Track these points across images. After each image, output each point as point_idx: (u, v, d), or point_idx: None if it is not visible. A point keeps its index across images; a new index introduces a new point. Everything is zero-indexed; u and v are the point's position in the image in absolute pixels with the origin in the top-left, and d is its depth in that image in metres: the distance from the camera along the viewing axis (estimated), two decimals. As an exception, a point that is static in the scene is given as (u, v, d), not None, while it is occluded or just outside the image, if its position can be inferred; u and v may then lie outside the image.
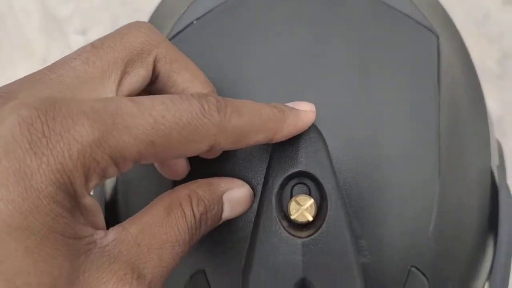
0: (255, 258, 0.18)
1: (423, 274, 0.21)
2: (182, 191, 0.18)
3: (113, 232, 0.16)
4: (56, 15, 0.91)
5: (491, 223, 0.25)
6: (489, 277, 0.25)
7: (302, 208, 0.19)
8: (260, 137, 0.18)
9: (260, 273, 0.18)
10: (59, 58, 0.19)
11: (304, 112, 0.19)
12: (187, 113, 0.16)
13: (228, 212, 0.19)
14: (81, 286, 0.15)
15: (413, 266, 0.20)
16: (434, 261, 0.21)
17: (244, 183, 0.19)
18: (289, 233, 0.18)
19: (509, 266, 0.25)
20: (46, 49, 0.89)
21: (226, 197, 0.19)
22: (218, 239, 0.21)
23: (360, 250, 0.20)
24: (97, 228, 0.16)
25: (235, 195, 0.19)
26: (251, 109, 0.17)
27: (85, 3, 0.91)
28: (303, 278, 0.18)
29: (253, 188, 0.20)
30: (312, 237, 0.18)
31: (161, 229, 0.16)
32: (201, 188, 0.18)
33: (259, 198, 0.19)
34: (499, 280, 0.24)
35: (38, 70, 0.19)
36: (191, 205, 0.17)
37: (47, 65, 0.18)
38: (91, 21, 0.90)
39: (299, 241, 0.18)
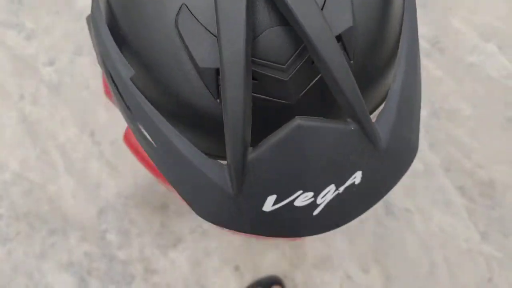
0: None
1: None
2: None
3: None
4: (23, 55, 0.88)
5: None
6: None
7: None
8: None
9: None
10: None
11: None
12: None
13: None
14: None
15: None
16: None
17: None
18: None
19: (416, 25, 0.26)
20: (20, 86, 0.86)
21: None
22: None
23: None
24: None
25: None
26: None
27: (47, 39, 0.88)
28: None
29: None
30: None
31: None
32: None
33: None
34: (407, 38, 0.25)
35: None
36: None
37: (25, 101, 0.16)
38: (56, 52, 0.87)
39: None
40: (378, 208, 0.79)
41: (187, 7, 0.22)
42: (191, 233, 0.79)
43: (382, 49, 0.25)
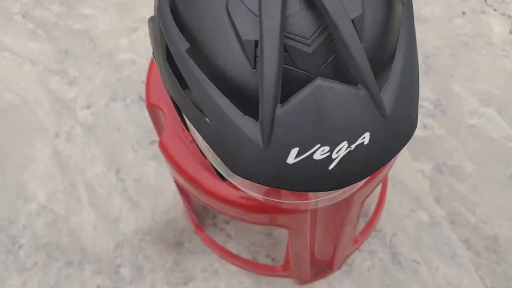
0: None
1: None
2: None
3: None
4: (64, 98, 0.96)
5: None
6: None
7: None
8: None
9: None
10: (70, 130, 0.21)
11: None
12: None
13: None
14: None
15: None
16: None
17: None
18: None
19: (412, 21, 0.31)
20: (58, 125, 0.93)
21: None
22: None
23: None
24: None
25: None
26: None
27: (87, 85, 0.97)
28: None
29: None
30: None
31: None
32: None
33: None
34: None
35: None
36: None
37: (60, 138, 0.21)
38: (94, 97, 0.96)
39: None
40: (385, 258, 0.80)
41: None
42: (202, 271, 0.81)
43: (386, 38, 0.31)
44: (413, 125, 0.31)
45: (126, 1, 1.07)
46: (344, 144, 0.28)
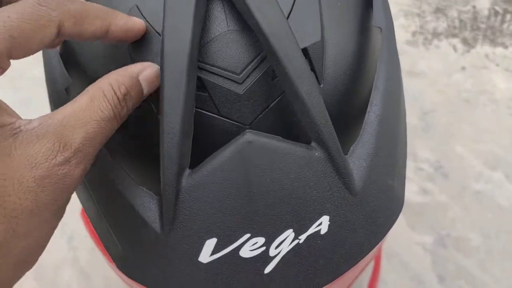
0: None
1: None
2: (103, 81, 0.19)
3: (38, 119, 0.18)
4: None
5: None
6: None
7: None
8: (97, 23, 0.19)
9: None
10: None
11: (133, 18, 0.21)
12: (27, 7, 0.18)
13: (147, 89, 0.20)
14: (15, 157, 0.17)
15: None
16: None
17: (153, 64, 0.20)
18: None
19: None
20: None
21: (142, 77, 0.20)
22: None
23: None
24: (15, 118, 0.18)
25: (148, 74, 0.20)
26: (83, 1, 0.20)
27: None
28: None
29: None
30: None
31: (85, 112, 0.18)
32: (119, 74, 0.19)
33: None
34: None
35: None
36: (113, 89, 0.19)
37: None
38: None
39: None
40: None
41: (137, 7, 0.21)
42: None
43: (358, 77, 0.22)
44: (397, 203, 0.22)
45: None
46: (289, 234, 0.19)
